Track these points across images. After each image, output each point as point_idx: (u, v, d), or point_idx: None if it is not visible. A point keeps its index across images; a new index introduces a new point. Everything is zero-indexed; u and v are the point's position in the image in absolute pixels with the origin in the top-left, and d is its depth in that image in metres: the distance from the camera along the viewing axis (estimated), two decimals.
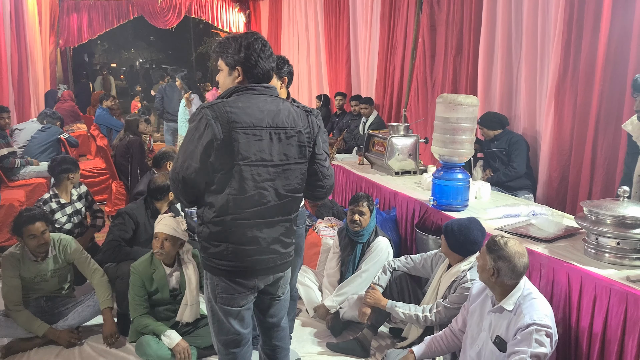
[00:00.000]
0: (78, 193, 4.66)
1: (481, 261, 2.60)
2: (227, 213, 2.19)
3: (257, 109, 2.18)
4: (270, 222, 2.27)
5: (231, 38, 2.26)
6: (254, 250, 2.26)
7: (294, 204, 2.35)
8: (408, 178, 4.89)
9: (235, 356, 2.44)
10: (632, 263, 2.70)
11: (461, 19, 5.70)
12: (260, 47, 2.23)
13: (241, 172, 2.15)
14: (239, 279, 2.28)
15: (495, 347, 2.56)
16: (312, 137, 2.33)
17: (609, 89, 4.01)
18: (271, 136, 2.19)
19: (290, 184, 2.29)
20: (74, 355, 3.46)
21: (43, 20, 10.42)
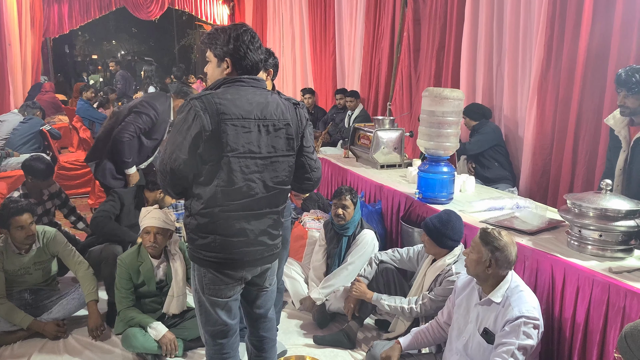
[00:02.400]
0: (49, 192, 4.53)
1: (475, 254, 2.58)
2: (215, 205, 2.19)
3: (245, 101, 2.18)
4: (258, 214, 2.28)
5: (220, 29, 2.26)
6: (241, 242, 2.26)
7: (281, 196, 2.36)
8: (393, 171, 4.92)
9: (222, 347, 2.45)
10: (614, 255, 2.76)
11: (445, 13, 5.73)
12: (249, 39, 2.23)
13: (229, 164, 2.15)
14: (226, 270, 2.29)
15: (482, 339, 2.59)
16: (300, 129, 2.35)
17: (590, 85, 4.07)
18: (259, 128, 2.20)
19: (278, 176, 2.30)
20: (58, 348, 3.44)
21: (23, 11, 10.25)
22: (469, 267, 2.64)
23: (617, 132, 3.19)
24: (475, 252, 2.59)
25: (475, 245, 2.60)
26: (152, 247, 3.35)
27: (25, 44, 10.36)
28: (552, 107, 4.42)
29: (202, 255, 2.27)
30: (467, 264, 2.66)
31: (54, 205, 4.56)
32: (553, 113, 4.42)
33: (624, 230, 2.72)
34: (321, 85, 9.11)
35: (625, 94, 3.02)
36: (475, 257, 2.59)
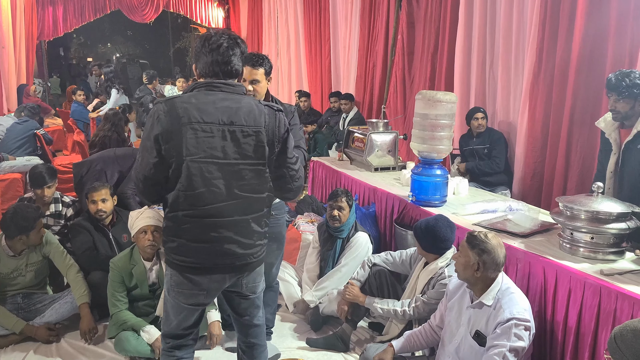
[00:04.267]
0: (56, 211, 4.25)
1: (463, 258, 2.60)
2: (178, 209, 2.19)
3: (211, 105, 2.15)
4: (225, 222, 2.22)
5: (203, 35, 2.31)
6: (206, 248, 2.23)
7: (255, 204, 2.28)
8: (387, 174, 4.92)
9: (173, 352, 2.48)
10: (606, 257, 2.77)
11: (439, 16, 5.76)
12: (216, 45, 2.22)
13: (189, 168, 2.13)
14: (191, 275, 2.28)
15: (474, 341, 2.60)
16: (278, 137, 2.27)
17: (584, 88, 4.09)
18: (224, 133, 2.15)
19: (248, 184, 2.23)
20: (51, 352, 3.42)
21: (17, 14, 10.23)
22: (459, 271, 2.65)
23: (608, 135, 3.20)
24: (463, 256, 2.60)
25: (463, 249, 2.61)
26: (151, 246, 3.33)
27: (20, 47, 10.34)
28: (544, 110, 4.44)
29: (171, 257, 2.29)
30: (456, 268, 2.67)
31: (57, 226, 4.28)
32: (545, 116, 4.45)
33: (616, 233, 2.73)
34: (316, 88, 9.13)
35: (616, 99, 3.03)
36: (463, 260, 2.60)
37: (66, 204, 4.29)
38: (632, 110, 3.02)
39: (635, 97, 2.98)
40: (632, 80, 2.97)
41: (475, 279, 2.59)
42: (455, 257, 2.68)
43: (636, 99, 2.99)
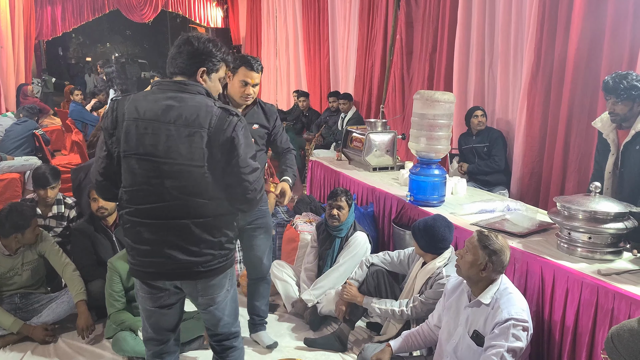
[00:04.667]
0: (58, 212, 4.22)
1: (471, 256, 2.56)
2: (122, 207, 2.20)
3: (154, 103, 2.11)
4: (163, 224, 2.13)
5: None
6: (146, 251, 2.17)
7: (197, 208, 2.13)
8: (385, 174, 4.92)
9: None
10: (604, 257, 2.77)
11: (437, 16, 5.76)
12: (176, 44, 2.22)
13: (128, 164, 2.12)
14: (137, 278, 2.28)
15: (472, 341, 2.59)
16: (223, 140, 2.09)
17: (581, 87, 4.09)
18: (162, 131, 2.08)
19: (185, 186, 2.10)
20: (49, 352, 3.42)
21: (16, 13, 10.23)
22: (462, 268, 2.62)
23: (606, 135, 3.20)
24: (471, 254, 2.57)
25: (472, 248, 2.58)
26: None
27: (18, 47, 10.34)
28: (542, 109, 4.44)
29: (128, 259, 2.30)
30: (460, 265, 2.63)
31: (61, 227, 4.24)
32: (543, 115, 4.45)
33: (613, 233, 2.73)
34: (315, 88, 9.13)
35: (615, 101, 3.03)
36: (471, 259, 2.57)
37: (69, 205, 4.28)
38: (630, 111, 3.02)
39: (633, 99, 2.98)
40: (630, 82, 2.96)
41: (479, 278, 2.58)
42: (460, 254, 2.64)
43: (634, 100, 2.98)
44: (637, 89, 2.96)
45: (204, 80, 2.20)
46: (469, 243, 2.61)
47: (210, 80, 2.23)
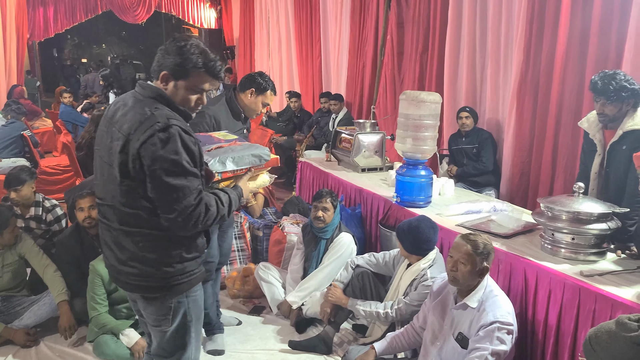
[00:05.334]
0: (36, 215, 4.13)
1: (469, 266, 2.51)
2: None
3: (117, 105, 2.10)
4: (104, 224, 2.12)
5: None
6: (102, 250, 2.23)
7: (126, 217, 2.01)
8: (374, 174, 4.90)
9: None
10: (587, 258, 2.75)
11: (428, 17, 5.74)
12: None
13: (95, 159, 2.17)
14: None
15: (457, 343, 2.57)
16: (134, 149, 1.92)
17: (569, 87, 4.08)
18: (109, 132, 2.04)
19: (108, 190, 2.05)
20: (30, 355, 3.38)
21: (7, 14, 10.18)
22: (461, 279, 2.54)
23: (592, 135, 3.18)
24: (469, 264, 2.52)
25: (468, 257, 2.52)
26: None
27: (10, 48, 10.29)
28: (532, 110, 4.42)
29: None
30: (457, 277, 2.55)
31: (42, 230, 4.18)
32: (532, 116, 4.43)
33: (597, 234, 2.72)
34: (307, 89, 9.11)
35: (604, 102, 3.00)
36: (469, 268, 2.52)
37: (46, 208, 4.18)
38: (619, 112, 3.00)
39: (622, 100, 2.95)
40: (619, 82, 2.93)
41: (476, 283, 2.56)
42: (455, 265, 2.54)
43: (624, 101, 2.96)
44: (626, 89, 2.93)
45: (167, 85, 2.03)
46: (463, 254, 2.53)
47: (175, 87, 2.03)
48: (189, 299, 2.15)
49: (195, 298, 2.19)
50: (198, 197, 1.96)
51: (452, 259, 2.58)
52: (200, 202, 1.97)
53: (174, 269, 2.06)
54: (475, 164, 4.78)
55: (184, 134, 1.94)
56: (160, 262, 2.05)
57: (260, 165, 2.39)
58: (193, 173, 1.96)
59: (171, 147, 1.90)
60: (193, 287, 2.16)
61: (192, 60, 1.99)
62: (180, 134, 1.92)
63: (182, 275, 2.09)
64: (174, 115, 1.98)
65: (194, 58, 1.99)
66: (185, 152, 1.93)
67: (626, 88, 2.93)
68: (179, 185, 1.91)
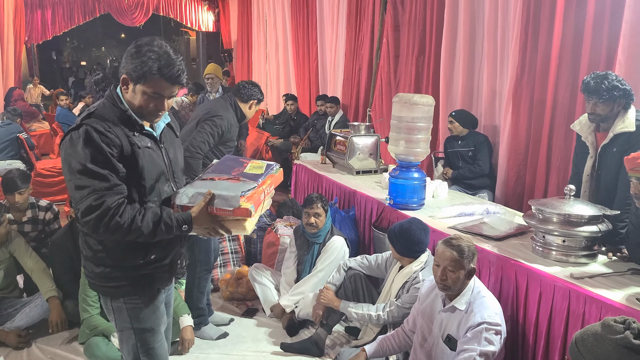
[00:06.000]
0: (33, 217, 4.14)
1: (458, 272, 2.51)
2: None
3: None
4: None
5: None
6: None
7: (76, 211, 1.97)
8: (369, 177, 4.89)
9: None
10: (578, 260, 2.75)
11: (424, 20, 5.74)
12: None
13: None
14: None
15: (445, 345, 2.58)
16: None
17: (562, 90, 4.08)
18: None
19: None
20: (22, 357, 3.38)
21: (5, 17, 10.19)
22: (452, 284, 2.53)
23: (584, 138, 3.18)
24: (458, 269, 2.52)
25: (456, 263, 2.51)
26: None
27: (7, 50, 10.30)
28: (527, 112, 4.42)
29: None
30: (448, 285, 2.54)
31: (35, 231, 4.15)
32: (528, 118, 4.43)
33: (587, 236, 2.72)
34: (304, 91, 9.11)
35: (596, 102, 3.00)
36: (460, 273, 2.52)
37: (43, 208, 4.20)
38: (611, 112, 3.01)
39: (614, 100, 2.96)
40: (610, 82, 2.95)
41: (466, 286, 2.56)
42: (444, 272, 2.54)
43: (615, 101, 2.97)
44: (618, 89, 2.94)
45: (127, 89, 1.98)
46: (450, 261, 2.52)
47: (134, 92, 1.96)
48: (127, 305, 2.09)
49: (138, 306, 2.10)
50: (100, 200, 1.85)
51: (439, 268, 2.56)
52: (101, 205, 1.85)
53: (99, 271, 2.04)
54: (471, 167, 4.77)
55: (94, 133, 1.86)
56: (87, 259, 2.07)
57: (227, 211, 2.01)
58: (97, 174, 1.86)
59: (76, 146, 1.86)
60: (127, 295, 2.08)
61: (147, 64, 1.91)
62: (89, 132, 1.86)
63: (106, 279, 2.05)
64: (99, 117, 1.93)
65: (149, 62, 1.91)
66: (92, 151, 1.85)
67: (618, 88, 2.94)
68: (80, 185, 1.86)
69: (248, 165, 2.29)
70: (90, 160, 1.85)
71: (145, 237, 1.93)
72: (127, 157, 1.94)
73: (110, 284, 2.05)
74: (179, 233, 2.00)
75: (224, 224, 2.04)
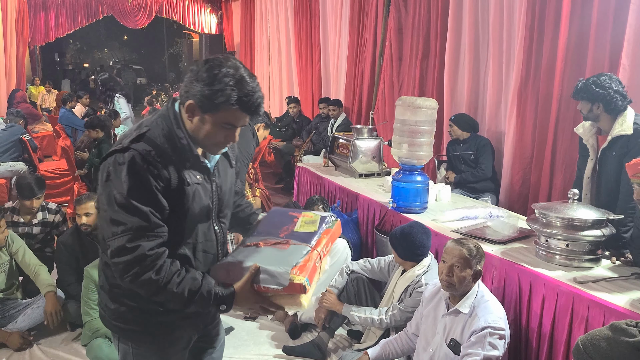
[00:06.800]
0: (43, 219, 4.18)
1: (467, 270, 2.51)
2: None
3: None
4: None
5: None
6: None
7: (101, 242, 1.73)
8: (371, 180, 4.89)
9: None
10: (581, 265, 2.74)
11: (428, 23, 5.74)
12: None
13: None
14: None
15: (449, 349, 2.57)
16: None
17: (567, 93, 4.07)
18: None
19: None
20: (24, 359, 3.38)
21: (9, 18, 10.22)
22: (459, 284, 2.52)
23: (585, 140, 3.20)
24: (466, 267, 2.51)
25: (464, 261, 2.51)
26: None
27: (10, 52, 10.32)
28: (532, 115, 4.40)
29: None
30: (453, 282, 2.53)
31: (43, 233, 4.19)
32: (533, 122, 4.41)
33: (591, 240, 2.71)
34: (307, 94, 9.12)
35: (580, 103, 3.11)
36: (468, 272, 2.51)
37: (52, 210, 4.26)
38: (590, 113, 3.07)
39: (590, 100, 3.04)
40: (588, 83, 3.04)
41: (471, 288, 2.56)
42: (452, 270, 2.53)
43: (593, 102, 3.03)
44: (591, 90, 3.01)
45: (192, 117, 1.68)
46: (458, 258, 2.51)
47: (201, 121, 1.67)
48: (134, 351, 1.84)
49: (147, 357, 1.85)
50: (135, 242, 1.57)
51: (446, 264, 2.56)
52: (136, 249, 1.57)
53: (113, 308, 1.78)
54: (473, 171, 4.76)
55: (141, 162, 1.59)
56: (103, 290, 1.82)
57: (278, 289, 1.69)
58: (137, 210, 1.58)
59: (118, 173, 1.59)
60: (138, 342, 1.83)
61: (224, 93, 1.60)
62: (135, 160, 1.59)
63: (119, 318, 1.79)
64: (150, 142, 1.64)
65: (227, 91, 1.60)
66: (135, 183, 1.59)
67: (590, 90, 3.01)
68: (115, 219, 1.59)
69: (299, 220, 1.96)
70: (132, 193, 1.58)
71: (174, 304, 1.67)
72: (172, 193, 1.65)
73: (122, 324, 1.79)
74: (214, 311, 1.78)
75: (273, 300, 1.74)
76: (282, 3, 9.89)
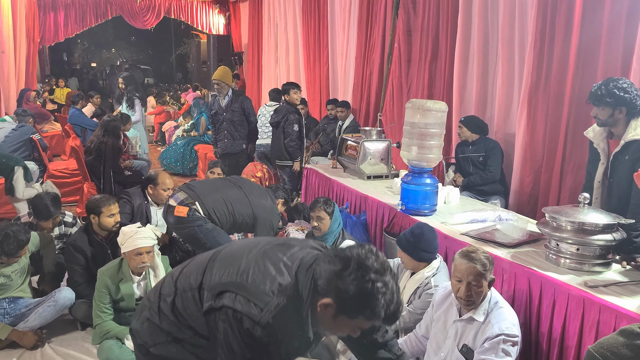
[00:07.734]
0: (61, 233, 4.25)
1: (483, 283, 2.50)
2: None
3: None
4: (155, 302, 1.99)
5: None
6: None
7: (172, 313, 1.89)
8: (380, 182, 4.90)
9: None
10: (592, 269, 2.74)
11: (437, 25, 5.73)
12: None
13: None
14: None
15: (461, 355, 2.57)
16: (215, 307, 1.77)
17: (578, 96, 4.06)
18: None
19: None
20: (35, 357, 3.41)
21: (18, 19, 10.28)
22: (477, 298, 2.52)
23: (596, 144, 3.19)
24: (481, 280, 2.50)
25: (480, 277, 2.49)
26: (145, 267, 3.35)
27: (20, 52, 10.38)
28: (543, 118, 4.38)
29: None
30: (475, 300, 2.53)
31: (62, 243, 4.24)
32: (543, 125, 4.39)
33: (602, 244, 2.71)
34: (315, 95, 9.12)
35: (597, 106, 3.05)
36: (484, 285, 2.51)
37: (69, 224, 4.29)
38: (611, 118, 3.02)
39: (612, 106, 2.97)
40: (609, 89, 2.97)
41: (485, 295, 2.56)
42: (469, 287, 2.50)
43: (614, 107, 2.98)
44: (615, 95, 2.95)
45: (325, 310, 1.61)
46: (474, 276, 2.48)
47: (333, 319, 1.62)
48: None
49: None
50: None
51: (462, 283, 2.51)
52: None
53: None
54: (481, 173, 4.75)
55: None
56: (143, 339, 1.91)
57: None
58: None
59: (240, 336, 1.62)
60: None
61: (375, 310, 1.56)
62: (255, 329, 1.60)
63: None
64: (284, 317, 1.60)
65: (377, 309, 1.56)
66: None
67: (615, 94, 2.95)
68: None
69: None
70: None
71: None
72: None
73: None
74: None
75: None
76: (291, 4, 9.90)
